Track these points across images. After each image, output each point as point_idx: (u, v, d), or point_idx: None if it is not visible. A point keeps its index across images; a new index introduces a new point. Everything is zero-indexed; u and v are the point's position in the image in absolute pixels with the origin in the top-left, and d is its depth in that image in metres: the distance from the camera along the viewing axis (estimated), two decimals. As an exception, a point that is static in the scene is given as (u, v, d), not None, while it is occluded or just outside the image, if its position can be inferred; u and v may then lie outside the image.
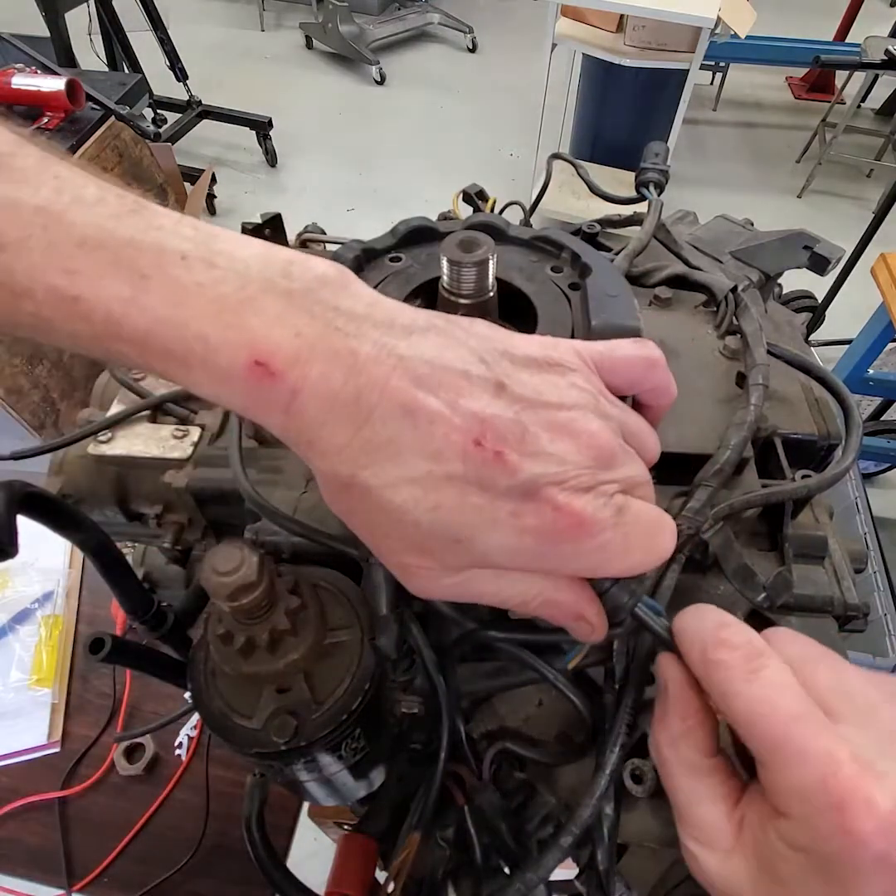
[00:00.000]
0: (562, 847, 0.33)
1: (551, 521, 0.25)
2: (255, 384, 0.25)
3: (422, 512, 0.25)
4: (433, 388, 0.25)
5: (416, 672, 0.44)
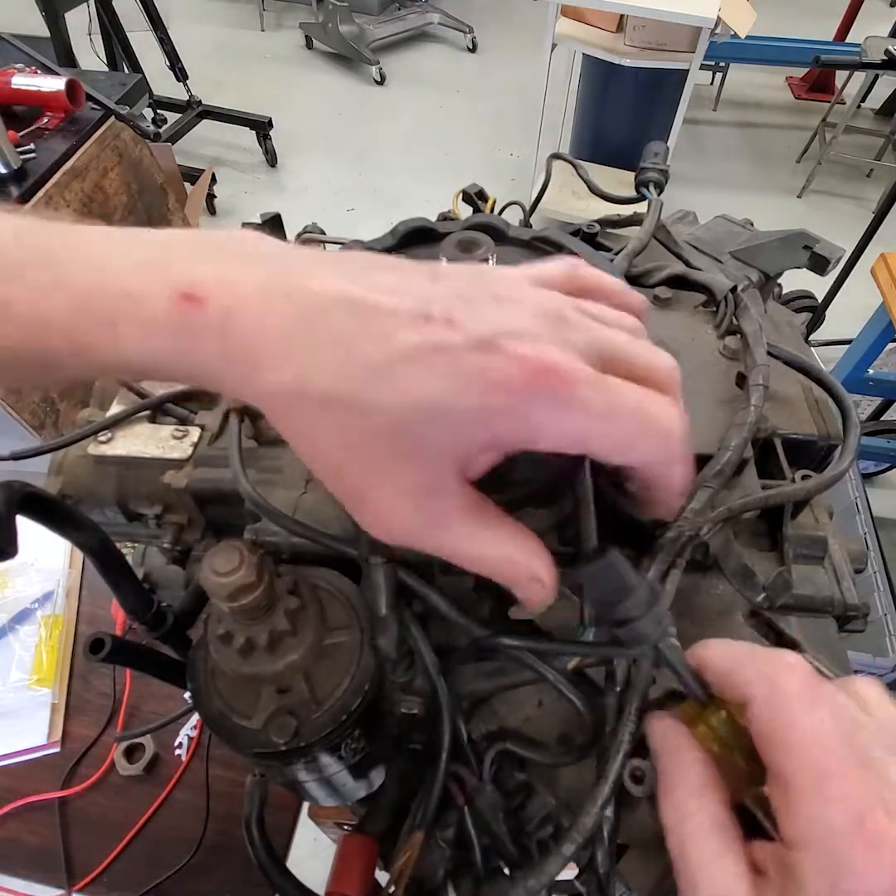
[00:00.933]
0: (564, 855, 0.33)
1: (518, 370, 0.23)
2: (184, 316, 0.24)
3: (385, 394, 0.23)
4: (369, 285, 0.25)
5: (416, 672, 0.44)
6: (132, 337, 0.24)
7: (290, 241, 0.63)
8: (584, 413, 0.24)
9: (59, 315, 0.24)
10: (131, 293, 0.24)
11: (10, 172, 1.42)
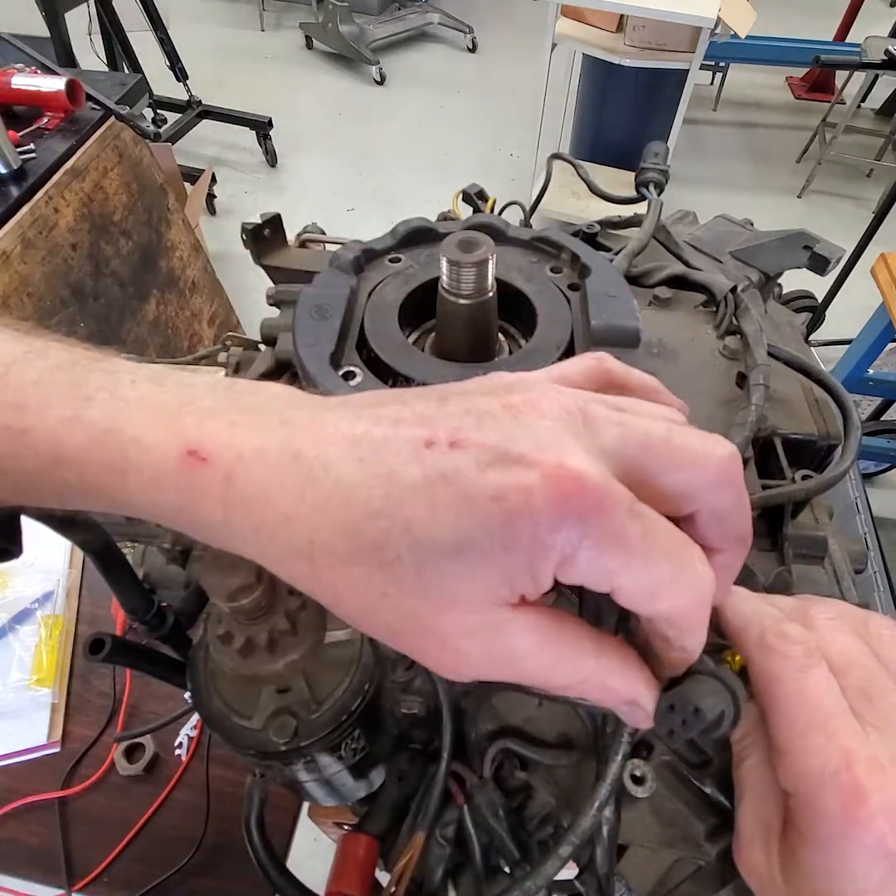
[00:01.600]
0: (561, 857, 0.33)
1: (540, 489, 0.20)
2: (187, 474, 0.23)
3: (397, 542, 0.21)
4: (372, 420, 0.23)
5: (416, 672, 0.44)
6: (138, 485, 0.24)
7: (290, 241, 0.63)
8: (616, 546, 0.21)
9: (72, 453, 0.24)
10: (141, 442, 0.24)
11: (10, 172, 1.42)
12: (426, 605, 0.22)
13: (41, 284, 1.44)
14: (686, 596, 0.23)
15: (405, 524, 0.21)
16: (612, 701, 0.25)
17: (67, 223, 1.51)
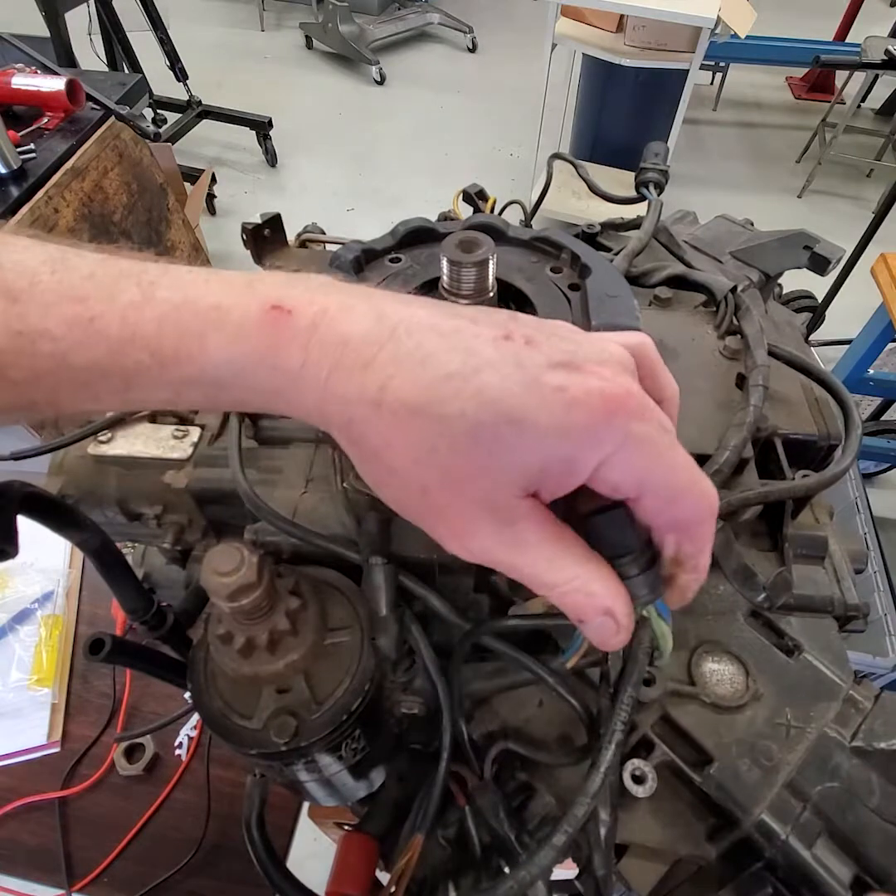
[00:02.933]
0: (555, 846, 0.33)
1: (599, 391, 0.24)
2: (271, 325, 0.25)
3: (465, 400, 0.24)
4: (452, 315, 0.26)
5: (416, 672, 0.44)
6: (218, 345, 0.25)
7: (290, 241, 0.63)
8: (651, 449, 0.24)
9: (146, 329, 0.25)
10: (220, 306, 0.25)
11: (10, 172, 1.42)
12: (468, 466, 0.24)
13: (41, 284, 1.44)
14: (701, 502, 0.26)
15: (477, 387, 0.24)
16: (590, 608, 0.26)
17: (67, 223, 1.51)
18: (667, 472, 0.25)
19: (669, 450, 0.25)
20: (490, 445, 0.24)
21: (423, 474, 0.25)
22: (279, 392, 0.26)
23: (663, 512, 0.26)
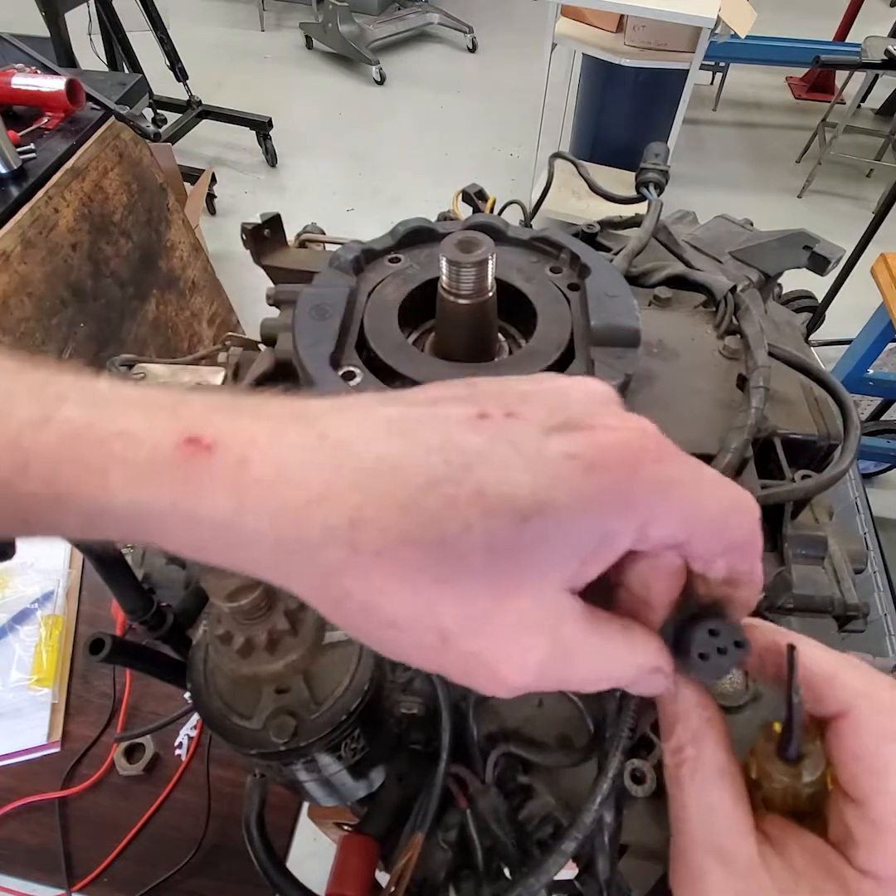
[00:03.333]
0: (564, 853, 0.33)
1: (615, 445, 0.20)
2: (186, 464, 0.20)
3: (465, 509, 0.19)
4: (407, 403, 0.22)
5: (416, 672, 0.44)
6: (122, 483, 0.20)
7: (290, 241, 0.63)
8: (688, 487, 0.21)
9: (42, 456, 0.20)
10: (129, 433, 0.20)
11: (10, 172, 1.42)
12: (493, 589, 0.20)
13: (41, 284, 1.44)
14: (749, 516, 0.23)
15: (475, 488, 0.19)
16: (641, 674, 0.24)
17: (67, 223, 1.51)
18: (709, 502, 0.22)
19: (701, 478, 0.22)
20: (512, 555, 0.19)
21: (440, 615, 0.20)
22: (209, 545, 0.21)
23: (717, 543, 0.23)
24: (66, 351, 1.53)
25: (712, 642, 0.24)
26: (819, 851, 0.24)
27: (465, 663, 0.21)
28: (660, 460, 0.21)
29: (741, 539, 0.23)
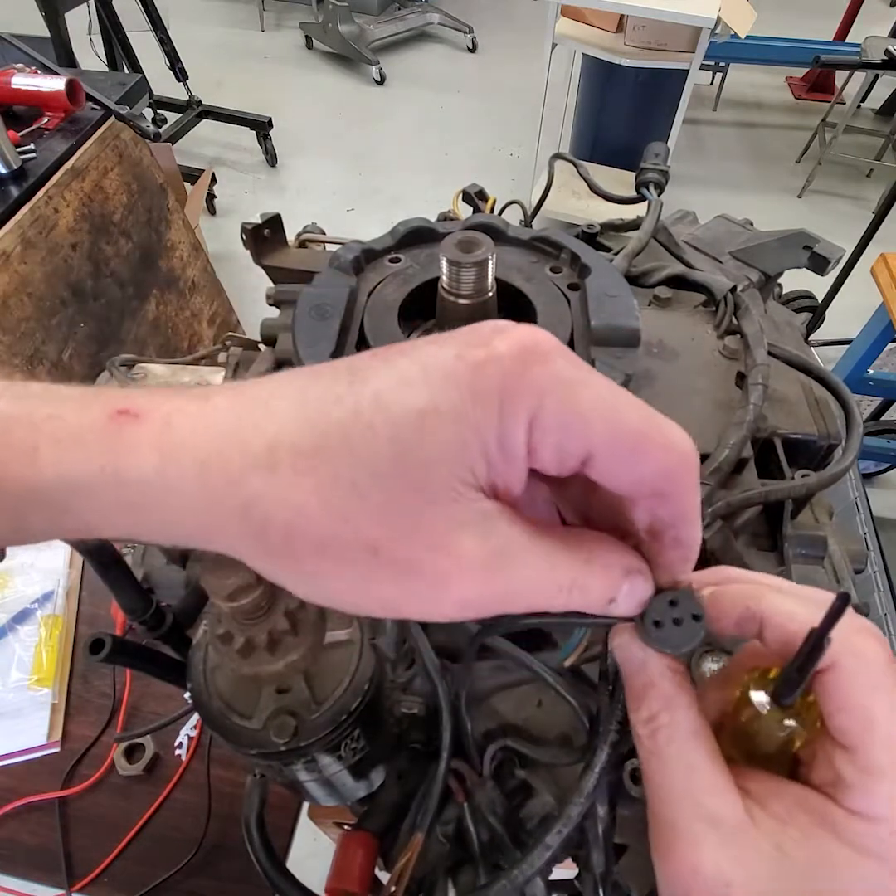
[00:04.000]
0: (548, 845, 0.33)
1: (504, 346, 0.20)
2: (115, 432, 0.21)
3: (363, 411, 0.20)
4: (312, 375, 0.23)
5: (416, 672, 0.44)
6: (51, 459, 0.21)
7: (290, 241, 0.63)
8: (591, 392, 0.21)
9: None
10: (60, 416, 0.21)
11: (10, 172, 1.42)
12: (409, 492, 0.20)
13: (41, 284, 1.44)
14: (670, 450, 0.21)
15: (373, 395, 0.20)
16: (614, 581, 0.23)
17: (67, 223, 1.51)
18: (616, 414, 0.21)
19: (613, 391, 0.21)
20: (419, 454, 0.20)
21: (361, 528, 0.20)
22: (136, 511, 0.21)
23: (624, 467, 0.21)
24: (66, 351, 1.53)
25: (669, 612, 0.24)
26: (800, 797, 0.24)
27: (400, 578, 0.21)
28: (551, 361, 0.21)
29: (658, 473, 0.22)
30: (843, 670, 0.23)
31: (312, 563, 0.21)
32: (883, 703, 0.23)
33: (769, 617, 0.25)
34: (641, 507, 0.23)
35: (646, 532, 0.24)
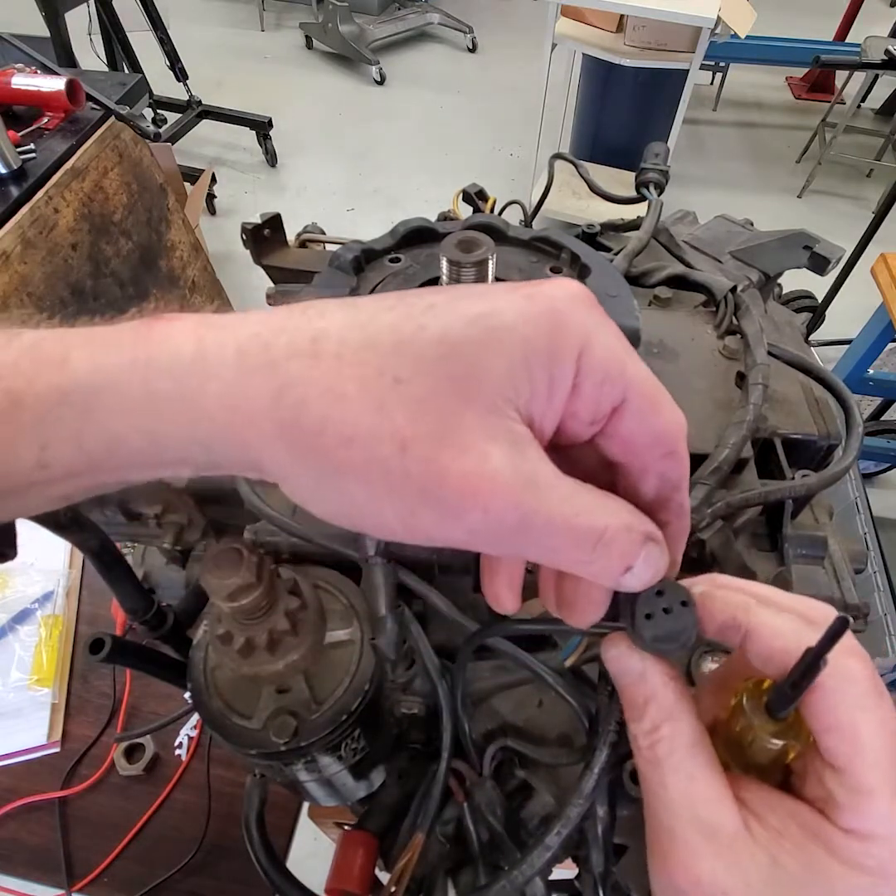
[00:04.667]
0: (548, 846, 0.33)
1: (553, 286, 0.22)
2: (147, 328, 0.21)
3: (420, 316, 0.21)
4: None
5: (416, 672, 0.44)
6: (81, 357, 0.21)
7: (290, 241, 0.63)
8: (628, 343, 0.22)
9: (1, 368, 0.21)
10: (89, 332, 0.22)
11: (10, 172, 1.42)
12: (449, 391, 0.20)
13: (41, 284, 1.44)
14: (676, 411, 0.23)
15: (427, 304, 0.21)
16: (635, 544, 0.22)
17: (67, 223, 1.51)
18: (645, 369, 0.22)
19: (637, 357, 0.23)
20: (466, 352, 0.20)
21: (396, 420, 0.19)
22: (162, 405, 0.20)
23: (648, 419, 0.22)
24: (66, 351, 1.53)
25: (658, 602, 0.24)
26: (793, 810, 0.24)
27: (424, 477, 0.20)
28: (596, 308, 0.22)
29: (670, 432, 0.23)
30: (829, 691, 0.23)
31: (340, 456, 0.20)
32: (869, 724, 0.23)
33: (754, 630, 0.25)
34: (653, 470, 0.24)
35: (653, 502, 0.24)
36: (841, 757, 0.23)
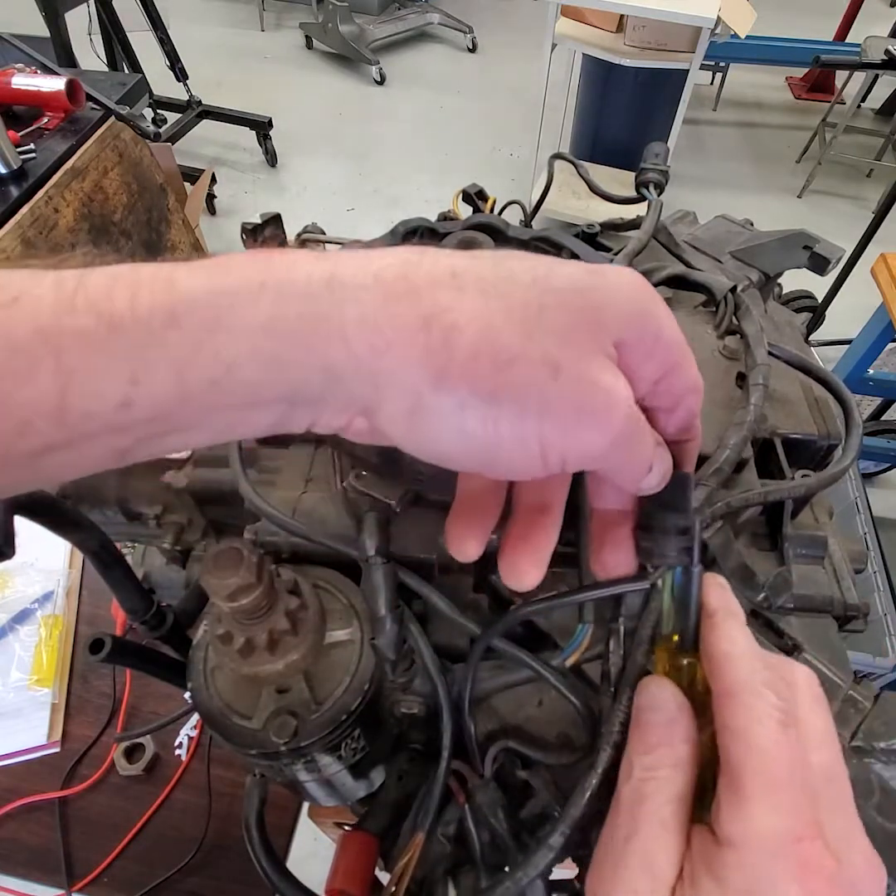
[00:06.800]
0: (551, 847, 0.33)
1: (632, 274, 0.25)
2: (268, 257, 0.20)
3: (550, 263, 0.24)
4: None
5: (416, 672, 0.44)
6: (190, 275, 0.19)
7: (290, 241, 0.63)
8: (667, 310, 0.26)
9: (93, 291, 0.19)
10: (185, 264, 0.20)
11: (10, 172, 1.42)
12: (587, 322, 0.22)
13: (41, 284, 1.44)
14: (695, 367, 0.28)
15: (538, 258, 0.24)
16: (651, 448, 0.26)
17: (67, 223, 1.51)
18: (680, 337, 0.27)
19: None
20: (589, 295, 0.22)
21: (547, 346, 0.21)
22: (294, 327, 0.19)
23: (690, 373, 0.28)
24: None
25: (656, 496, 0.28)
26: (704, 843, 0.24)
27: (579, 394, 0.21)
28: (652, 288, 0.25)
29: (697, 379, 0.29)
30: (732, 698, 0.25)
31: (497, 380, 0.20)
32: (770, 734, 0.24)
33: (718, 625, 0.28)
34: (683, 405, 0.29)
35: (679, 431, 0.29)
36: (730, 761, 0.24)
